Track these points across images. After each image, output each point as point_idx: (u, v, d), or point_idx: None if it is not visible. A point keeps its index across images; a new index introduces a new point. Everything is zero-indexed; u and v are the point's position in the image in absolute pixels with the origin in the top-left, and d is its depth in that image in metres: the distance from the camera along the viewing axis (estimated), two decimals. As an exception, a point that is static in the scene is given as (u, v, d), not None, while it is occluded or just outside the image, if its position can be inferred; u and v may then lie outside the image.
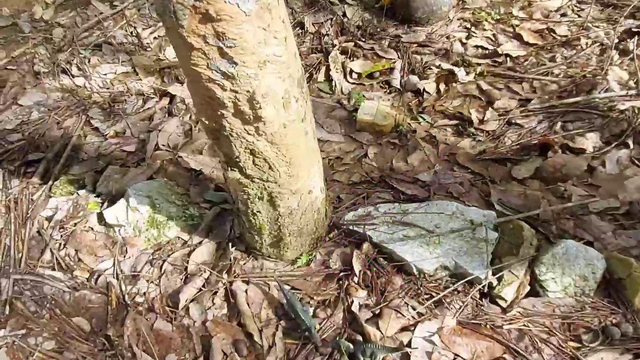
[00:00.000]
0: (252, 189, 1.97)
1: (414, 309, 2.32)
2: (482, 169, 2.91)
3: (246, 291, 2.45)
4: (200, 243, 2.79)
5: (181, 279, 2.60)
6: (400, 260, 2.47)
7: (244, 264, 2.65)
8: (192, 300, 2.48)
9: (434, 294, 2.38)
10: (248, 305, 2.38)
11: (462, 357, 2.12)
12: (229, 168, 1.66)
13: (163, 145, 3.33)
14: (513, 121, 2.99)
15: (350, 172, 3.06)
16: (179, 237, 2.87)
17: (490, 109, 2.85)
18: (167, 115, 3.57)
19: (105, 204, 2.96)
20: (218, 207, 3.00)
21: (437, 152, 3.12)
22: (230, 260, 2.59)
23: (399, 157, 3.12)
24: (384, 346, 2.05)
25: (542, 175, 2.53)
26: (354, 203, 2.85)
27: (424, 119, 3.26)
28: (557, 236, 2.23)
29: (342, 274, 2.51)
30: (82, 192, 3.03)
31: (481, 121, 3.11)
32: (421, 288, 2.39)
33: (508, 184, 2.69)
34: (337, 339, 2.13)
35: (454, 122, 3.23)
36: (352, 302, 2.38)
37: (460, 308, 2.31)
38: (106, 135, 2.99)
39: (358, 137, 3.28)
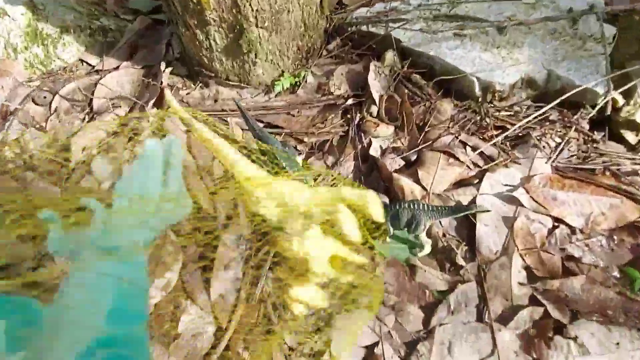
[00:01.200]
0: None
1: (476, 150, 1.30)
2: None
3: (188, 131, 1.38)
4: (117, 68, 1.66)
5: (82, 121, 1.52)
6: (451, 72, 1.42)
7: (187, 93, 1.56)
8: (99, 152, 1.42)
9: (509, 126, 1.34)
10: (192, 153, 1.33)
11: (567, 223, 1.15)
12: None
13: None
14: None
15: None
16: (82, 61, 1.76)
17: None
18: None
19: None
20: (148, 17, 1.83)
21: None
22: (163, 87, 1.51)
23: None
24: (432, 207, 1.06)
25: None
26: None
27: None
28: None
29: (350, 102, 1.45)
30: None
31: None
32: (487, 118, 1.34)
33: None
34: None
35: None
36: (370, 143, 1.35)
37: (557, 147, 1.29)
38: None
39: None
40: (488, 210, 1.20)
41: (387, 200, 1.34)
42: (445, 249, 1.26)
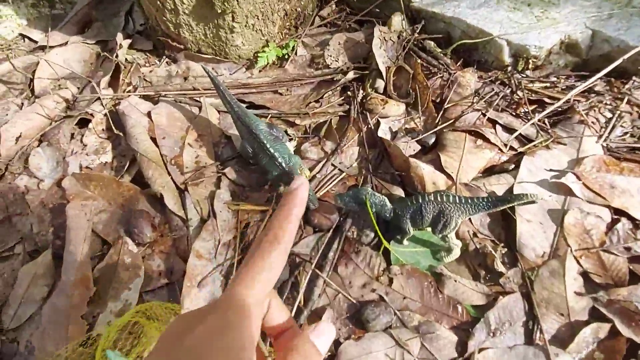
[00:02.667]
0: None
1: (507, 128, 1.06)
2: None
3: (150, 115, 1.12)
4: (65, 45, 1.39)
5: (19, 107, 1.24)
6: (473, 37, 1.18)
7: (150, 71, 1.29)
8: (39, 143, 1.15)
9: (548, 100, 1.11)
10: (155, 141, 1.07)
11: (630, 216, 0.92)
12: None
13: None
14: None
15: None
16: (23, 36, 1.48)
17: None
18: None
19: None
20: (103, -14, 1.56)
21: None
22: (119, 62, 1.25)
23: None
24: (466, 199, 0.82)
25: None
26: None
27: None
28: None
29: (351, 76, 1.20)
30: None
31: None
32: (519, 91, 1.11)
33: None
34: (356, 189, 0.88)
35: None
36: (378, 124, 1.11)
37: (608, 123, 1.06)
38: None
39: None
40: (541, 199, 0.96)
41: (402, 193, 1.09)
42: (478, 252, 1.02)
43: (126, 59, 1.40)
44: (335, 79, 1.33)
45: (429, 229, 1.04)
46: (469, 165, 1.11)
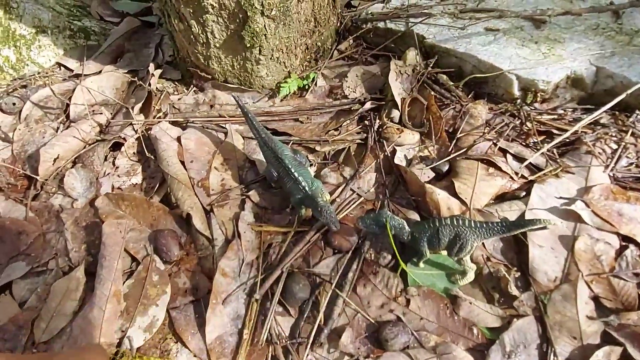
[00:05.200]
0: None
1: (518, 157, 1.11)
2: None
3: (179, 139, 1.18)
4: (98, 73, 1.47)
5: (55, 130, 1.32)
6: (484, 71, 1.23)
7: (179, 99, 1.36)
8: (73, 164, 1.22)
9: (555, 131, 1.16)
10: (184, 164, 1.13)
11: (638, 242, 0.95)
12: None
13: None
14: None
15: None
16: (59, 65, 1.57)
17: None
18: None
19: None
20: (136, 19, 1.66)
21: None
22: (151, 90, 1.32)
23: None
24: (482, 223, 0.86)
25: None
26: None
27: None
28: None
29: (368, 106, 1.26)
30: None
31: None
32: (528, 122, 1.17)
33: None
34: (374, 213, 0.93)
35: None
36: (394, 152, 1.16)
37: (614, 154, 1.11)
38: None
39: None
40: (553, 224, 0.99)
41: (417, 217, 1.13)
42: (492, 275, 1.05)
43: (157, 88, 1.47)
44: (353, 108, 1.39)
45: (444, 253, 1.07)
46: (482, 192, 1.16)
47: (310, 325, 1.01)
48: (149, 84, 1.39)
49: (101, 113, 1.39)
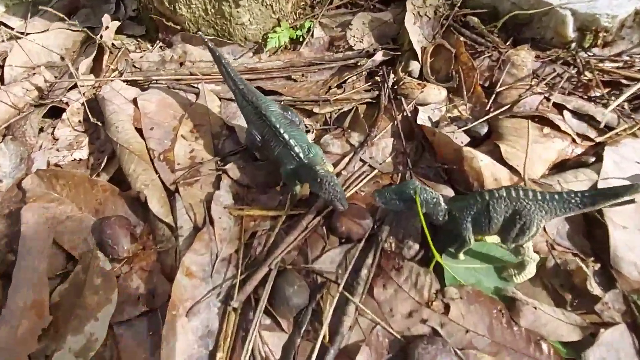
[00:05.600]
0: None
1: (578, 114, 0.80)
2: None
3: (136, 101, 0.88)
4: (45, 32, 1.18)
5: None
6: (528, 7, 0.95)
7: (141, 56, 1.06)
8: (2, 137, 0.91)
9: (626, 81, 0.86)
10: (141, 133, 0.82)
11: None
12: None
13: None
14: None
15: None
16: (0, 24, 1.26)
17: None
18: None
19: None
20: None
21: None
22: (103, 45, 1.03)
23: None
24: (553, 195, 0.55)
25: None
26: None
27: None
28: None
29: (379, 57, 0.96)
30: None
31: None
32: (587, 72, 0.86)
33: None
34: (400, 184, 0.61)
35: None
36: (415, 112, 0.85)
37: None
38: None
39: None
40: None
41: (450, 193, 0.83)
42: (559, 268, 0.75)
43: (113, 44, 1.18)
44: (359, 63, 1.10)
45: (490, 239, 0.78)
46: (537, 158, 0.86)
47: (310, 343, 0.72)
48: (101, 36, 1.09)
49: (40, 74, 1.09)
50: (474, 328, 0.72)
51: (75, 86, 1.07)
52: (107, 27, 1.16)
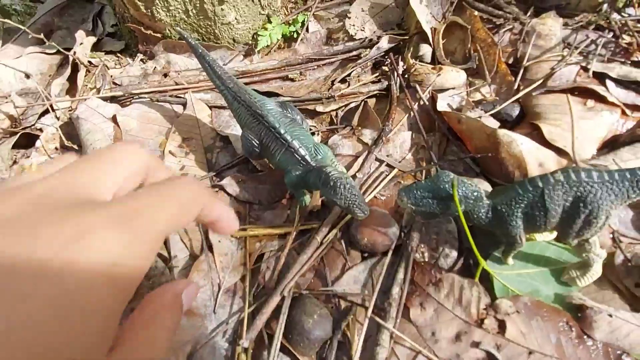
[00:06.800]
0: None
1: (624, 83, 0.67)
2: None
3: (115, 119, 0.77)
4: (19, 58, 1.08)
5: None
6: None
7: (121, 72, 0.96)
8: None
9: None
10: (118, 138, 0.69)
11: None
12: None
13: None
14: None
15: None
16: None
17: None
18: None
19: None
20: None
21: None
22: (77, 62, 0.93)
23: None
24: (621, 174, 0.42)
25: None
26: None
27: None
28: None
29: (384, 45, 0.84)
30: None
31: None
32: (625, 34, 0.74)
33: None
34: (433, 177, 0.48)
35: None
36: (434, 99, 0.73)
37: None
38: None
39: None
40: None
41: (487, 185, 0.71)
42: (631, 265, 0.62)
43: (90, 62, 1.08)
44: (361, 54, 0.99)
45: (540, 237, 0.65)
46: (585, 136, 0.74)
47: (339, 384, 0.59)
48: (74, 52, 0.99)
49: (12, 102, 0.99)
50: (538, 348, 0.59)
51: (49, 110, 0.97)
52: (81, 43, 1.06)
